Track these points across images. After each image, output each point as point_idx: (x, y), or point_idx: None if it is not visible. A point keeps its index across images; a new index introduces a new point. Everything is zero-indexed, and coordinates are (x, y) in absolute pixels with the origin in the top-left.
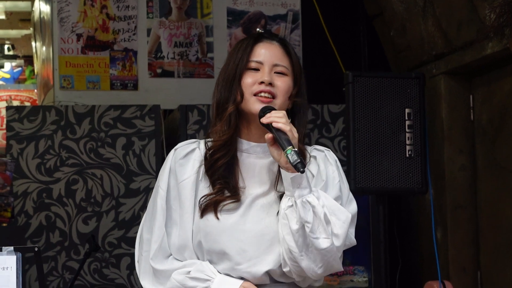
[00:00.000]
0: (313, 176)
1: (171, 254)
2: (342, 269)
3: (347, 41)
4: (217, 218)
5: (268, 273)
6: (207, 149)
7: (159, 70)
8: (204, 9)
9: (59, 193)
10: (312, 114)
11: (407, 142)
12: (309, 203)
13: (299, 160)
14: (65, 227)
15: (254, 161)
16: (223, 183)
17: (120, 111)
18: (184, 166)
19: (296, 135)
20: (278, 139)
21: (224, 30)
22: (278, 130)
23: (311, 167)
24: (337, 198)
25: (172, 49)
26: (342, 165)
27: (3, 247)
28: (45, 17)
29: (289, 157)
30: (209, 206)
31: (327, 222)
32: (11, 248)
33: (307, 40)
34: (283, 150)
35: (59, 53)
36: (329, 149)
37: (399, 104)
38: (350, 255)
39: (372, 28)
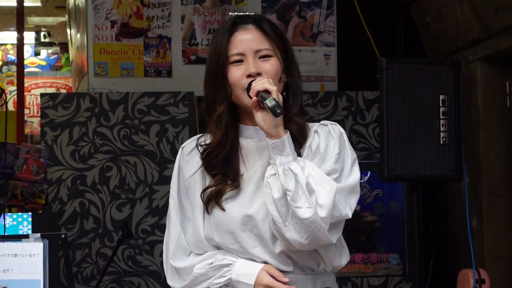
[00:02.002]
0: (312, 150)
1: (191, 251)
2: (334, 241)
3: (383, 27)
4: (223, 210)
5: (288, 256)
6: (202, 151)
7: (193, 57)
8: None
9: (93, 180)
10: (346, 101)
11: (442, 129)
12: (291, 170)
13: (276, 104)
14: (99, 214)
15: (257, 144)
16: (223, 174)
17: (153, 98)
18: (190, 162)
19: (280, 97)
20: (261, 96)
21: None
22: (266, 92)
23: (313, 142)
24: (333, 171)
25: (206, 35)
26: (376, 152)
27: (30, 234)
28: (80, 4)
29: (268, 103)
30: (211, 199)
31: (311, 191)
32: (38, 235)
33: (342, 26)
34: (264, 102)
35: (94, 40)
36: (336, 123)
37: (433, 90)
38: (384, 243)
39: (408, 14)
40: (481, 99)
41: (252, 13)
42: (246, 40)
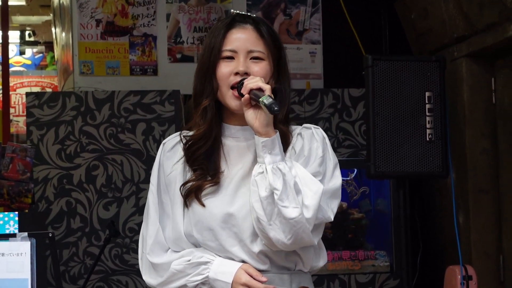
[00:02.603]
0: (295, 152)
1: (169, 248)
2: (315, 243)
3: (368, 24)
4: (203, 205)
5: (266, 255)
6: (185, 142)
7: (178, 55)
8: None
9: (79, 179)
10: (332, 98)
11: (428, 125)
12: (280, 170)
13: (273, 101)
14: (85, 213)
15: (239, 144)
16: (203, 169)
17: (139, 97)
18: (171, 158)
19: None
20: (254, 94)
21: None
22: (259, 90)
23: (296, 144)
24: (316, 174)
25: (191, 34)
26: (363, 150)
27: (17, 233)
28: (64, 3)
29: (265, 101)
30: (191, 194)
31: (298, 191)
32: (25, 234)
33: (327, 23)
34: (259, 99)
35: (79, 39)
36: (319, 127)
37: (419, 87)
38: (372, 240)
39: (393, 11)
40: (466, 96)
41: (254, 15)
42: (241, 38)
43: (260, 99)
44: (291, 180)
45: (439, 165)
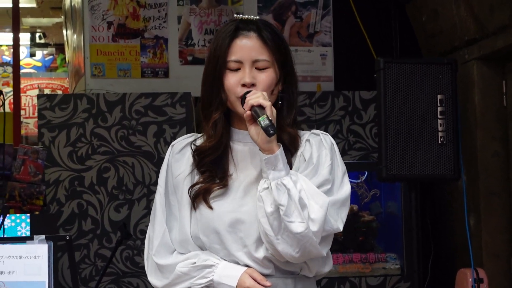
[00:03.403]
0: (305, 160)
1: (175, 249)
2: (324, 255)
3: (379, 27)
4: (211, 208)
5: (270, 261)
6: (194, 151)
7: (189, 58)
8: None
9: (91, 181)
10: (343, 101)
11: (439, 128)
12: (284, 185)
13: (270, 124)
14: (97, 215)
15: (248, 148)
16: (212, 171)
17: (151, 99)
18: (180, 161)
19: (274, 113)
20: (255, 115)
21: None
22: (259, 107)
23: (305, 151)
24: (325, 182)
25: (202, 36)
26: (373, 152)
27: (34, 236)
28: (76, 5)
29: (261, 122)
30: (199, 196)
31: (303, 206)
32: (43, 236)
33: (338, 26)
34: (257, 119)
35: (90, 41)
36: (327, 134)
37: (431, 90)
38: (382, 243)
39: (404, 13)
40: (477, 99)
41: (257, 17)
42: (246, 48)
43: (258, 120)
44: (296, 195)
45: (451, 168)
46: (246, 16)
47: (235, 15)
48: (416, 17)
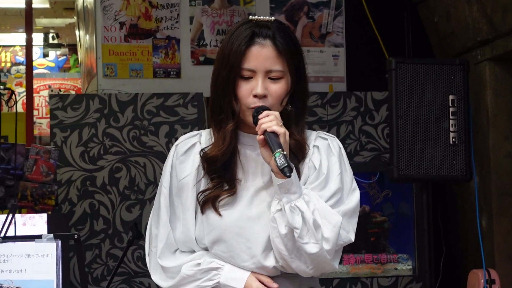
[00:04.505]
0: (315, 167)
1: (177, 248)
2: (337, 268)
3: (391, 27)
4: (219, 215)
5: (276, 268)
6: (202, 156)
7: (201, 58)
8: None
9: (102, 181)
10: (355, 101)
11: (451, 129)
12: (298, 208)
13: (286, 164)
14: (108, 215)
15: (256, 153)
16: (220, 177)
17: (163, 99)
18: (185, 162)
19: (287, 138)
20: (269, 141)
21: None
22: (273, 133)
23: (314, 157)
24: (338, 191)
25: (214, 36)
26: (385, 153)
27: (43, 234)
28: (88, 6)
29: (277, 160)
30: (208, 202)
31: (317, 227)
32: (51, 235)
33: (350, 26)
34: (272, 152)
35: (102, 42)
36: (334, 137)
37: (443, 91)
38: (394, 243)
39: (416, 14)
40: (490, 99)
41: (272, 18)
42: (260, 57)
43: (274, 156)
44: (310, 217)
45: (463, 169)
46: (261, 17)
47: (250, 17)
48: (429, 18)
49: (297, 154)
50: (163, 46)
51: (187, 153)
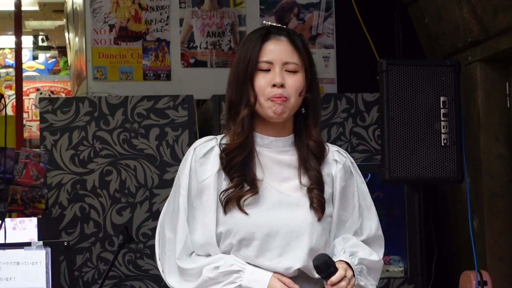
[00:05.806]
0: (334, 183)
1: (193, 252)
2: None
3: (381, 28)
4: (246, 213)
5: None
6: (222, 150)
7: (192, 60)
8: None
9: (93, 184)
10: (346, 103)
11: (443, 130)
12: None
13: None
14: (99, 218)
15: (274, 155)
16: (240, 176)
17: (153, 102)
18: (204, 165)
19: None
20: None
21: (256, 19)
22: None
23: (335, 172)
24: (363, 211)
25: (204, 38)
26: (376, 155)
27: (32, 242)
28: (78, 8)
29: None
30: (231, 201)
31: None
32: (41, 243)
33: (340, 28)
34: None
35: (92, 44)
36: (346, 152)
37: (434, 92)
38: (386, 245)
39: (406, 15)
40: (481, 100)
41: (284, 26)
42: (277, 50)
43: None
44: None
45: (454, 170)
46: (275, 24)
47: (265, 22)
48: (419, 19)
49: (316, 153)
50: (153, 48)
51: (206, 156)
